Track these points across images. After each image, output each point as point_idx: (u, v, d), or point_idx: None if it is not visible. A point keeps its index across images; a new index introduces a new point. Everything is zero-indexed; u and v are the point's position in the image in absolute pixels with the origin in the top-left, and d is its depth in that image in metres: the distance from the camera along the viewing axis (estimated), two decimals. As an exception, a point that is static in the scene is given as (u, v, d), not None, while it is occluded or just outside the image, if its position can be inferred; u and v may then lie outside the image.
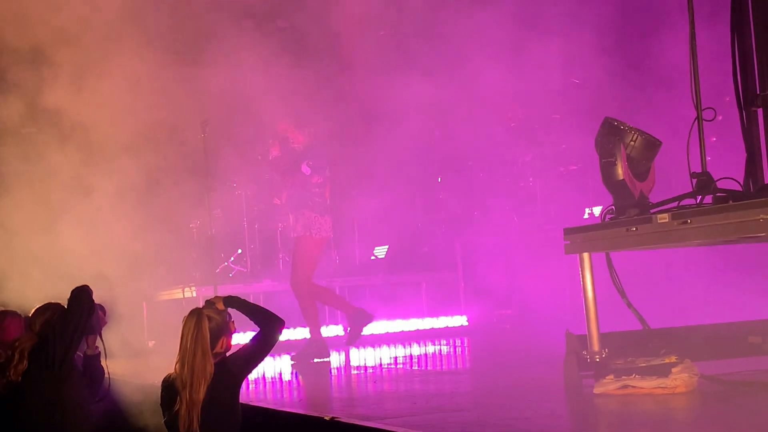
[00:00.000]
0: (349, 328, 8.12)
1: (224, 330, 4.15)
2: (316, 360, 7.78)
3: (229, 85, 9.35)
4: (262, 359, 4.26)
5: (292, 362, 7.79)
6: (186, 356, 4.00)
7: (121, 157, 8.70)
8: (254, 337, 4.21)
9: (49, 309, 4.64)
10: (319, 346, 7.92)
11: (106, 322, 4.89)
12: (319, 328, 8.15)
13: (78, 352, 4.69)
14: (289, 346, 9.07)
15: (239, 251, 10.27)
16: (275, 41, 10.06)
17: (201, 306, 4.24)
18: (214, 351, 4.09)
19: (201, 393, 3.96)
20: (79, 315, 4.48)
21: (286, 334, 9.35)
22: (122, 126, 8.82)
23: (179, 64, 9.14)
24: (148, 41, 9.27)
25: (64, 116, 8.44)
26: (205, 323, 4.05)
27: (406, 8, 9.56)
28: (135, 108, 8.74)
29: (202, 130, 8.18)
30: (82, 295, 4.53)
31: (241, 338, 8.85)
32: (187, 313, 4.17)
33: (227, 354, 4.18)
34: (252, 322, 4.33)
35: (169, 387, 4.06)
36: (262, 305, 4.36)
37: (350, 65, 9.07)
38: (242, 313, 4.24)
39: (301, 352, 7.88)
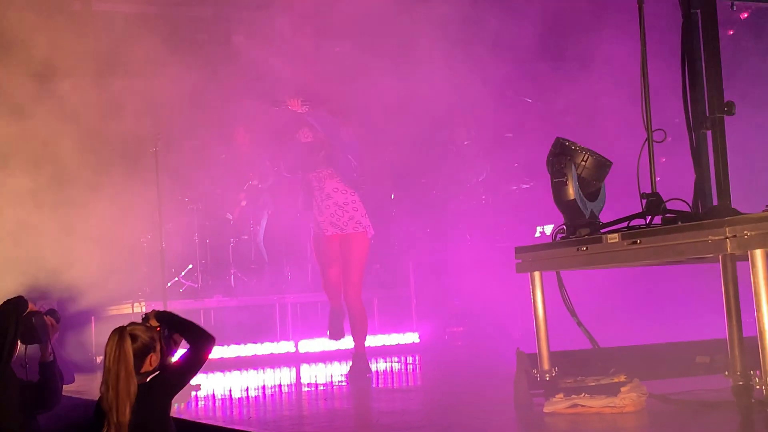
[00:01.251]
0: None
1: (151, 348, 4.05)
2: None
3: (182, 98, 9.31)
4: (191, 377, 4.14)
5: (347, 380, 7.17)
6: (109, 377, 3.90)
7: (71, 168, 8.62)
8: (183, 355, 4.11)
9: None
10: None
11: (57, 329, 4.78)
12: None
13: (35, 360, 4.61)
14: (268, 360, 8.99)
15: (190, 266, 10.18)
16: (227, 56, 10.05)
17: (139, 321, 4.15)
18: (142, 370, 4.00)
19: (126, 414, 3.86)
20: (4, 329, 4.36)
21: (252, 349, 9.29)
22: (72, 137, 8.74)
23: (131, 75, 9.09)
24: (100, 52, 9.22)
25: (12, 127, 8.35)
26: (127, 342, 3.94)
27: (353, 24, 9.58)
28: (87, 120, 8.67)
29: (153, 143, 8.10)
30: (8, 307, 4.43)
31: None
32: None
33: (157, 371, 4.08)
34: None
35: (97, 409, 3.98)
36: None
37: (305, 81, 9.04)
38: (172, 329, 4.14)
39: (356, 367, 7.16)
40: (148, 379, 4.01)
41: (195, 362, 4.12)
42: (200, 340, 4.13)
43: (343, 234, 7.17)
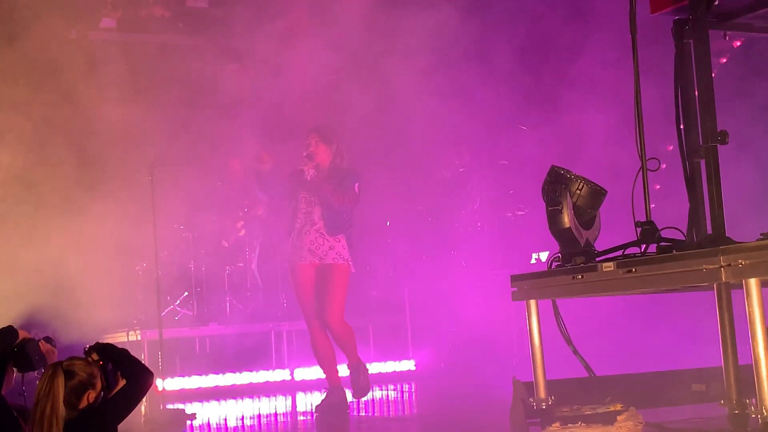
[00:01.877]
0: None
1: (89, 384, 4.01)
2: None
3: (178, 126, 9.33)
4: (127, 413, 4.06)
5: (317, 414, 7.01)
6: (35, 412, 3.87)
7: (64, 195, 8.62)
8: (119, 390, 4.04)
9: None
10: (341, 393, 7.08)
11: (56, 355, 4.75)
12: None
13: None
14: (264, 388, 8.93)
15: (186, 294, 10.17)
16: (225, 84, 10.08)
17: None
18: (80, 407, 3.96)
19: None
20: None
21: (248, 377, 9.25)
22: (67, 164, 8.75)
23: (128, 103, 9.11)
24: (95, 80, 9.25)
25: (5, 155, 8.36)
26: (59, 379, 3.90)
27: (349, 53, 9.62)
28: (82, 147, 8.68)
29: (149, 171, 8.11)
30: None
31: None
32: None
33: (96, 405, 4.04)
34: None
35: None
36: (208, 349, 4.25)
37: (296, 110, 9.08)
38: (112, 363, 4.10)
39: (326, 402, 7.00)
40: (82, 413, 3.96)
41: (131, 397, 4.04)
42: (137, 374, 4.06)
43: (321, 263, 7.01)
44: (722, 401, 4.12)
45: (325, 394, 7.04)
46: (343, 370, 7.19)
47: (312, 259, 7.02)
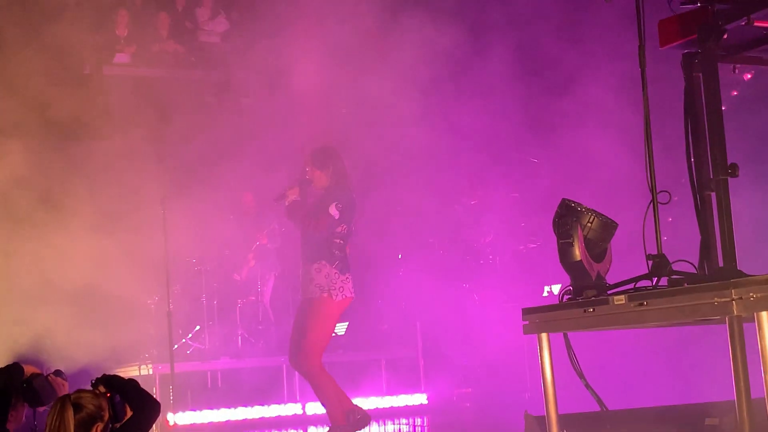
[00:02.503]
0: None
1: (98, 417, 4.01)
2: None
3: (191, 159, 9.39)
4: None
5: None
6: None
7: (75, 228, 8.67)
8: (126, 421, 4.03)
9: None
10: None
11: (66, 388, 4.76)
12: (344, 409, 6.86)
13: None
14: (275, 423, 8.87)
15: (197, 328, 10.17)
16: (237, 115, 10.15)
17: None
18: None
19: None
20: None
21: (260, 411, 9.19)
22: (81, 197, 8.81)
23: (140, 137, 9.19)
24: (109, 114, 9.33)
25: (23, 190, 8.42)
26: (69, 412, 3.91)
27: (361, 90, 9.67)
28: (96, 180, 8.75)
29: (161, 205, 8.16)
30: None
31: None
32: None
33: None
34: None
35: None
36: (219, 383, 4.25)
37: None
38: (119, 394, 4.10)
39: None
40: None
41: (138, 428, 4.02)
42: (144, 405, 4.05)
43: (303, 298, 6.81)
44: (736, 435, 4.09)
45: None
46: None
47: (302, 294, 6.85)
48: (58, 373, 4.66)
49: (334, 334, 10.88)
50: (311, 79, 9.62)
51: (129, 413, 4.08)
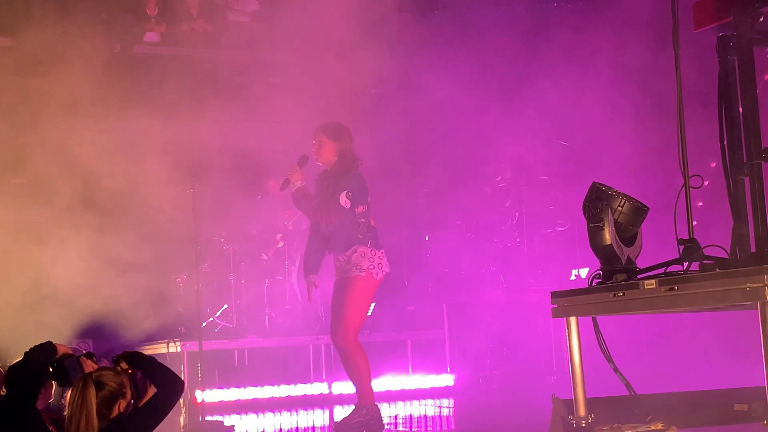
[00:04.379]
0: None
1: (120, 394, 4.02)
2: None
3: (220, 139, 9.41)
4: (159, 421, 4.01)
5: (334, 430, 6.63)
6: (70, 426, 3.88)
7: (106, 208, 8.74)
8: (150, 399, 4.03)
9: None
10: (372, 413, 6.59)
11: (96, 368, 4.78)
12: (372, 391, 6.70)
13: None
14: (301, 402, 8.90)
15: (225, 306, 10.23)
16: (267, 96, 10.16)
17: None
18: (111, 417, 3.98)
19: None
20: (26, 375, 4.32)
21: (286, 390, 9.24)
22: (110, 177, 8.87)
23: (170, 116, 9.22)
24: (140, 93, 9.37)
25: (53, 168, 8.48)
26: (91, 391, 3.91)
27: (390, 67, 9.64)
28: (126, 160, 8.80)
29: (191, 184, 8.19)
30: (33, 354, 4.40)
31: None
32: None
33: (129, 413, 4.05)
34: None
35: None
36: (246, 362, 4.28)
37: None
38: (141, 371, 4.11)
39: (346, 421, 6.56)
40: (114, 422, 3.94)
41: (163, 407, 4.04)
42: (168, 384, 4.06)
43: (341, 278, 6.69)
44: (765, 422, 4.07)
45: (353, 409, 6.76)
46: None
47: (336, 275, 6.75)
48: (89, 355, 4.70)
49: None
50: (340, 59, 9.60)
51: (151, 391, 4.11)
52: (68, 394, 4.14)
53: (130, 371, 4.12)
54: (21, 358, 4.28)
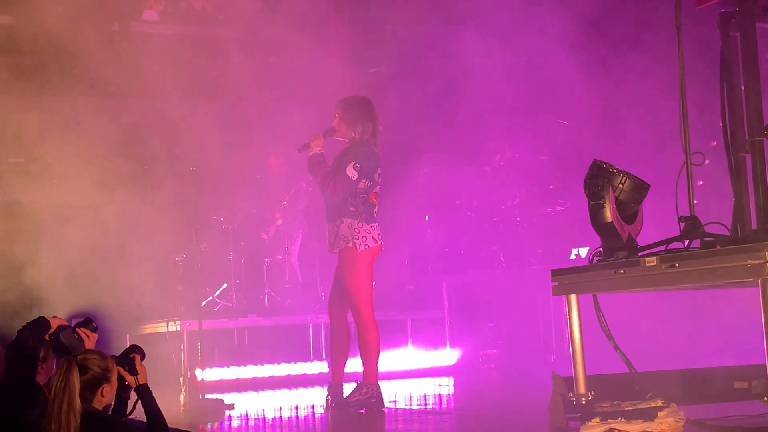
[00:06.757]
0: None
1: (104, 379, 4.04)
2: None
3: (219, 118, 9.38)
4: None
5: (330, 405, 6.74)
6: (52, 409, 3.89)
7: (106, 187, 8.72)
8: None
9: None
10: (373, 392, 6.67)
11: (95, 339, 4.75)
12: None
13: None
14: (301, 381, 8.91)
15: (225, 285, 10.23)
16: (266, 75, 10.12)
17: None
18: (94, 402, 3.99)
19: None
20: (21, 354, 4.32)
21: (286, 369, 9.25)
22: (109, 156, 8.85)
23: (169, 95, 9.19)
24: (139, 72, 9.33)
25: (53, 148, 8.46)
26: (74, 374, 3.91)
27: (394, 48, 9.60)
28: (124, 140, 8.77)
29: (190, 163, 8.18)
30: (25, 332, 4.39)
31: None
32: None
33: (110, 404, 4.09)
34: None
35: None
36: (246, 341, 4.29)
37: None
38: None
39: (347, 399, 6.65)
40: (91, 410, 3.98)
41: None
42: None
43: (333, 252, 6.74)
44: (765, 399, 4.07)
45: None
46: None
47: (330, 248, 6.75)
48: (87, 321, 4.66)
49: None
50: (342, 36, 9.55)
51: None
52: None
53: (132, 355, 4.16)
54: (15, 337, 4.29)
